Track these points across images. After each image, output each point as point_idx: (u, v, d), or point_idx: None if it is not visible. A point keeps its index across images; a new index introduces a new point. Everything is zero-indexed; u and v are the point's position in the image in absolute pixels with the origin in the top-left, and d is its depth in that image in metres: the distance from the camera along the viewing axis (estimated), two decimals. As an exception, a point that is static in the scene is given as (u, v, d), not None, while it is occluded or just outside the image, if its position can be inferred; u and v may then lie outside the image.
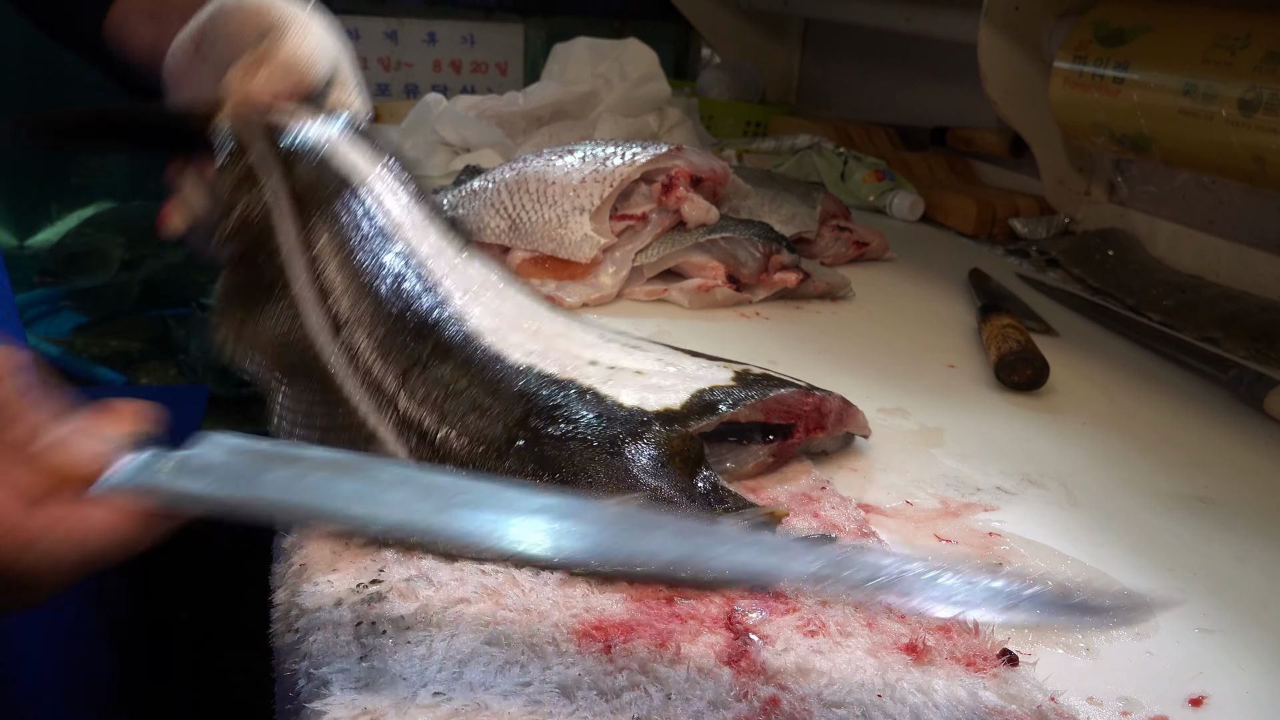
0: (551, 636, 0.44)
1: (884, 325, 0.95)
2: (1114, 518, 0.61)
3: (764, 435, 0.59)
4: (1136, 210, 1.23)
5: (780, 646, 0.44)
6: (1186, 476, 0.68)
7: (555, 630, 0.44)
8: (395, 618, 0.44)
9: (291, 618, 0.45)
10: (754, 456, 0.59)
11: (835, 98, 1.88)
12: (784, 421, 0.60)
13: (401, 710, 0.39)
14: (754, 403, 0.57)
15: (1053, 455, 0.70)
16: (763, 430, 0.59)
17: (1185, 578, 0.55)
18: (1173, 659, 0.48)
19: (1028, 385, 0.80)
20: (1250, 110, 0.92)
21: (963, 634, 0.46)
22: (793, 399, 0.60)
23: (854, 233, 1.13)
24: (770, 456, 0.60)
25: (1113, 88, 1.07)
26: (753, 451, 0.59)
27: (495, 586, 0.47)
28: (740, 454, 0.59)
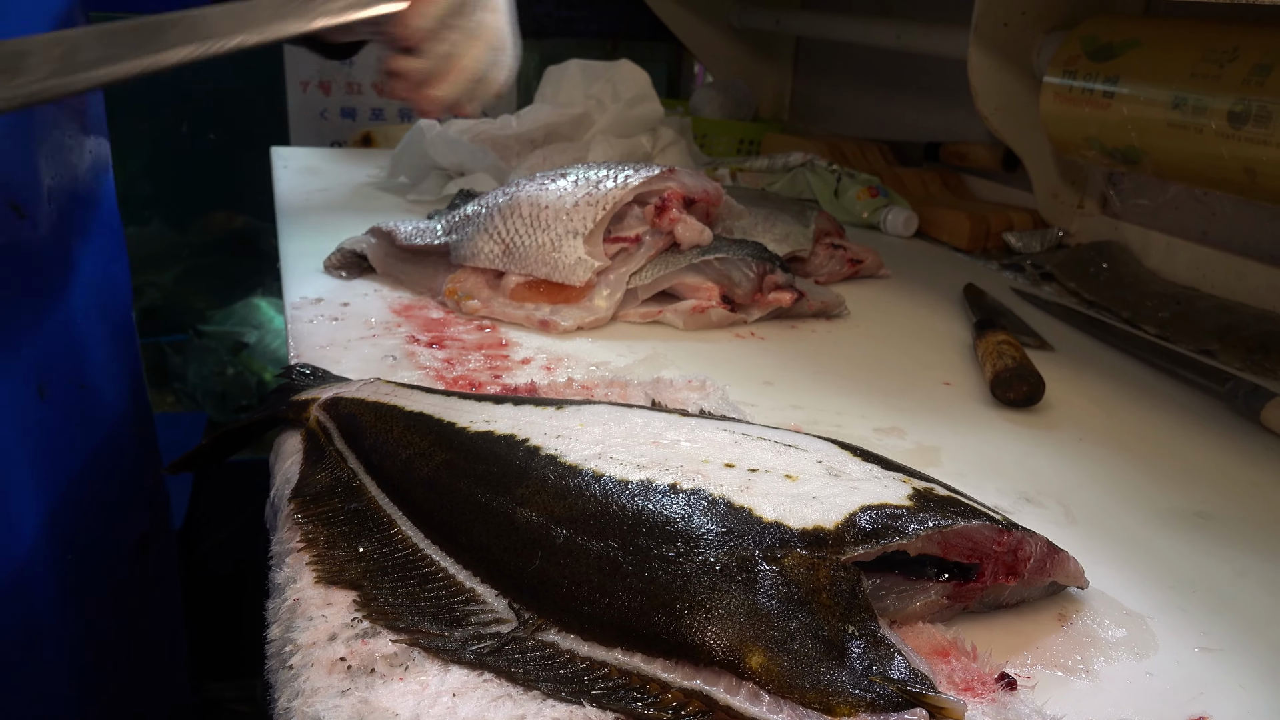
0: (546, 669, 0.43)
1: (879, 343, 0.95)
2: (1112, 535, 0.61)
3: (939, 572, 0.48)
4: (1130, 223, 1.23)
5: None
6: (1184, 492, 0.68)
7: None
8: (388, 654, 0.44)
9: (285, 654, 0.45)
10: (923, 596, 0.48)
11: (828, 115, 1.89)
12: (967, 560, 0.48)
13: (395, 748, 0.38)
14: (931, 534, 0.47)
15: (1050, 472, 0.69)
16: (938, 566, 0.48)
17: (1185, 594, 0.55)
18: (1173, 679, 0.47)
19: (1023, 402, 0.80)
20: (1240, 122, 0.92)
21: (960, 658, 0.46)
22: (982, 534, 0.48)
23: (848, 250, 1.13)
24: (945, 599, 0.48)
25: (1103, 102, 1.07)
26: (923, 589, 0.48)
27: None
28: (906, 591, 0.48)
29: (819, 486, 0.49)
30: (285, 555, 0.52)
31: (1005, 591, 0.50)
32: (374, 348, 0.83)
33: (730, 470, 0.50)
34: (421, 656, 0.43)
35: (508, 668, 0.43)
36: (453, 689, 0.42)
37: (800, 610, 0.42)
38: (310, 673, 0.43)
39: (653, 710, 0.40)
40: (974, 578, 0.48)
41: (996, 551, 0.49)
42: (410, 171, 1.41)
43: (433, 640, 0.44)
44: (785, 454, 0.53)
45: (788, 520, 0.46)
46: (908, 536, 0.46)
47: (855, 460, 0.54)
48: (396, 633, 0.45)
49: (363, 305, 0.93)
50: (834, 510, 0.47)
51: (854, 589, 0.44)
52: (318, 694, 0.41)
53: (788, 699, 0.39)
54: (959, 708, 0.39)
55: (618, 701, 0.41)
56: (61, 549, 0.85)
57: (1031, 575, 0.50)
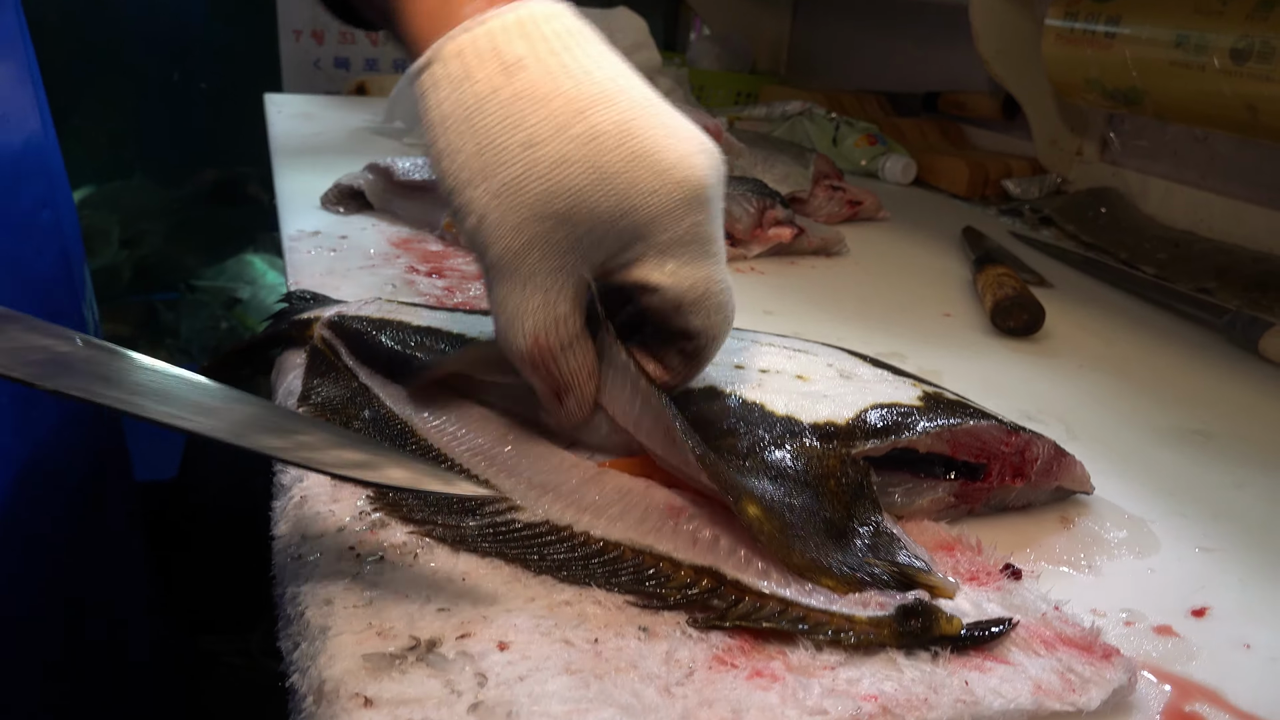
0: (555, 557, 0.43)
1: (879, 279, 0.95)
2: (1113, 450, 0.61)
3: (947, 471, 0.48)
4: (1128, 169, 1.23)
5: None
6: (1184, 413, 0.68)
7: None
8: (398, 543, 0.44)
9: (293, 546, 0.45)
10: (930, 493, 0.48)
11: (826, 67, 1.88)
12: (975, 460, 0.49)
13: (408, 623, 0.38)
14: (940, 431, 0.47)
15: (1050, 394, 0.70)
16: (946, 466, 0.48)
17: (1185, 502, 0.55)
18: (1174, 574, 0.48)
19: (1024, 330, 0.80)
20: (1242, 59, 0.92)
21: (965, 551, 0.46)
22: (990, 434, 0.49)
23: (847, 192, 1.13)
24: (952, 497, 0.49)
25: (1105, 42, 1.07)
26: (930, 487, 0.48)
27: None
28: (914, 488, 0.48)
29: (830, 386, 0.50)
30: (291, 458, 0.52)
31: (1011, 493, 0.50)
32: (373, 276, 0.82)
33: (740, 370, 0.51)
34: (432, 544, 0.44)
35: (523, 555, 0.43)
36: (464, 572, 0.42)
37: (806, 492, 0.43)
38: (320, 561, 0.43)
39: (665, 589, 0.41)
40: (981, 478, 0.49)
41: (1004, 452, 0.49)
42: (406, 117, 1.40)
43: (448, 531, 0.44)
44: (795, 357, 0.53)
45: (799, 415, 0.46)
46: (917, 433, 0.47)
47: (865, 365, 0.54)
48: (410, 524, 0.45)
49: (361, 238, 0.93)
50: (845, 407, 0.47)
51: (862, 481, 0.44)
52: (328, 578, 0.42)
53: (780, 568, 0.40)
54: (950, 587, 0.40)
55: (631, 580, 0.41)
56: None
57: (1038, 478, 0.50)
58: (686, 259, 0.43)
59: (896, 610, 0.39)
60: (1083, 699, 0.37)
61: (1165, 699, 0.39)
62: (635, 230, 0.42)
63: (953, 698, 0.36)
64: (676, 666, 0.37)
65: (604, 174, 0.41)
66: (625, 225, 0.42)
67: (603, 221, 0.41)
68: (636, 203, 0.41)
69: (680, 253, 0.42)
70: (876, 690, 0.36)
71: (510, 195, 0.41)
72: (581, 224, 0.42)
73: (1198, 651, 0.42)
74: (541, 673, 0.36)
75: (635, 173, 0.41)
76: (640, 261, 0.43)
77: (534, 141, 0.41)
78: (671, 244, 0.42)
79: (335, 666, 0.36)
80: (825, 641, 0.38)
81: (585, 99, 0.42)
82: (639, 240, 0.42)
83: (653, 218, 0.41)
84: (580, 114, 0.41)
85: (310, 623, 0.39)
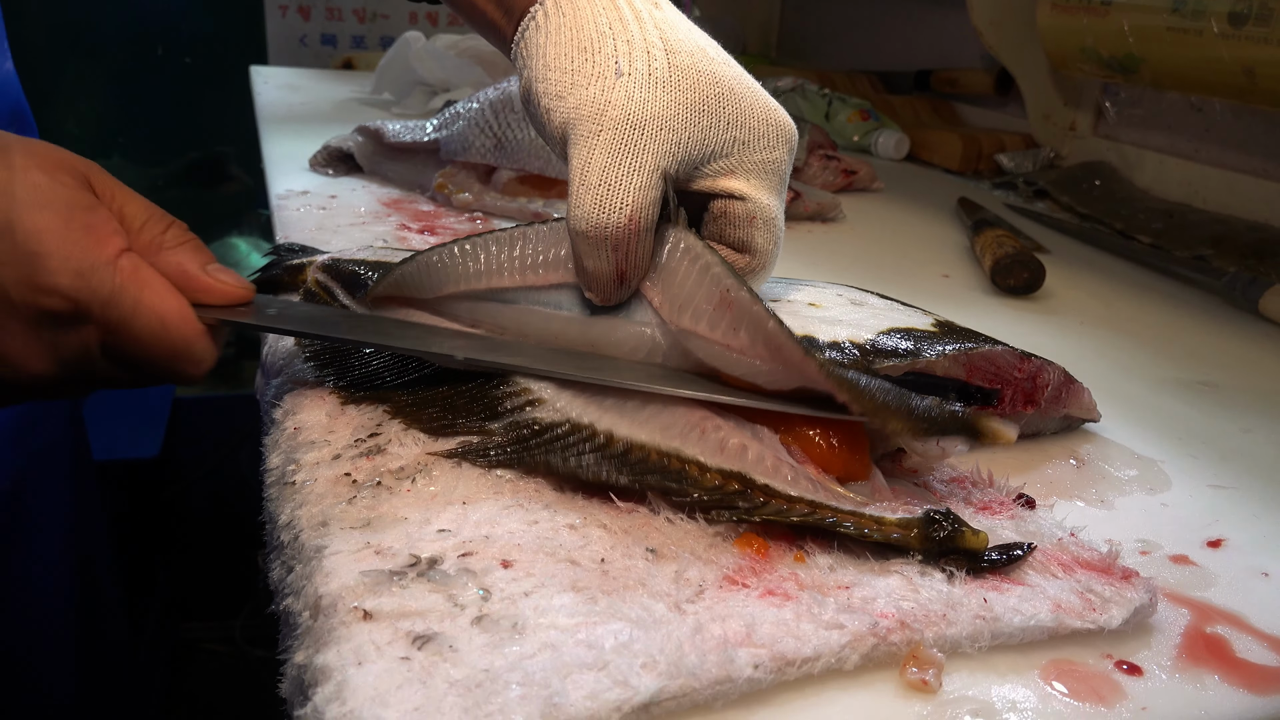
0: (557, 483, 0.42)
1: (876, 243, 0.94)
2: (1120, 398, 0.60)
3: (960, 398, 0.48)
4: (1123, 142, 1.22)
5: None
6: (1188, 366, 0.68)
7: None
8: (395, 469, 0.43)
9: (287, 473, 0.43)
10: None
11: (816, 48, 1.87)
12: (989, 385, 0.48)
13: (408, 542, 0.37)
14: (957, 353, 0.47)
15: (1053, 349, 0.68)
16: (960, 393, 0.48)
17: (1195, 446, 0.54)
18: (1188, 509, 0.47)
19: (1024, 288, 0.79)
20: (1240, 22, 0.91)
21: (977, 484, 0.45)
22: (1004, 359, 0.49)
23: (842, 162, 1.12)
24: None
25: (1100, 10, 1.06)
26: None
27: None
28: None
29: (844, 313, 0.49)
30: (283, 393, 0.51)
31: (1022, 420, 0.49)
32: (365, 233, 0.80)
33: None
34: (429, 469, 0.42)
35: (546, 457, 0.42)
36: (463, 497, 0.41)
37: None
38: (314, 486, 0.41)
39: (692, 490, 0.40)
40: (994, 404, 0.48)
41: (1017, 378, 0.49)
42: (394, 87, 1.38)
43: (472, 438, 0.43)
44: (803, 289, 0.52)
45: (815, 334, 0.45)
46: (935, 355, 0.46)
47: (875, 296, 0.54)
48: (432, 433, 0.44)
49: (351, 198, 0.91)
50: (861, 330, 0.47)
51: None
52: (323, 500, 0.40)
53: (808, 475, 0.39)
54: (1010, 430, 0.40)
55: (658, 480, 0.40)
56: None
57: (1048, 404, 0.50)
58: (768, 183, 0.48)
59: (924, 514, 0.38)
60: (1104, 617, 0.36)
61: (1186, 621, 0.38)
62: (737, 142, 0.47)
63: (971, 614, 0.35)
64: (686, 585, 0.36)
65: (731, 89, 0.47)
66: (731, 137, 0.47)
67: (717, 123, 0.47)
68: (746, 120, 0.47)
69: (764, 176, 0.48)
70: (893, 607, 0.35)
71: (653, 74, 0.46)
72: (700, 119, 0.46)
73: (1215, 579, 0.41)
74: (547, 589, 0.35)
75: (752, 99, 0.48)
76: (732, 173, 0.48)
77: (679, 50, 0.47)
78: (760, 165, 0.48)
79: (332, 583, 0.35)
80: (853, 536, 0.38)
81: (710, 42, 0.49)
82: (736, 152, 0.47)
83: (755, 137, 0.47)
84: (711, 45, 0.49)
85: (305, 544, 0.38)
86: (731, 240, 0.49)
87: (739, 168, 0.47)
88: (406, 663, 0.31)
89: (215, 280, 0.45)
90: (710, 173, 0.48)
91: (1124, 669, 0.35)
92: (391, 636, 0.32)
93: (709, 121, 0.46)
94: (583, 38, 0.46)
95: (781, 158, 0.48)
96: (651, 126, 0.45)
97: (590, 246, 0.45)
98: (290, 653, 0.34)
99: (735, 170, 0.48)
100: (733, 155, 0.47)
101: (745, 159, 0.48)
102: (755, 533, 0.39)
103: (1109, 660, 0.35)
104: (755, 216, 0.48)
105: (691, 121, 0.46)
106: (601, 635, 0.33)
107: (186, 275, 0.45)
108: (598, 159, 0.45)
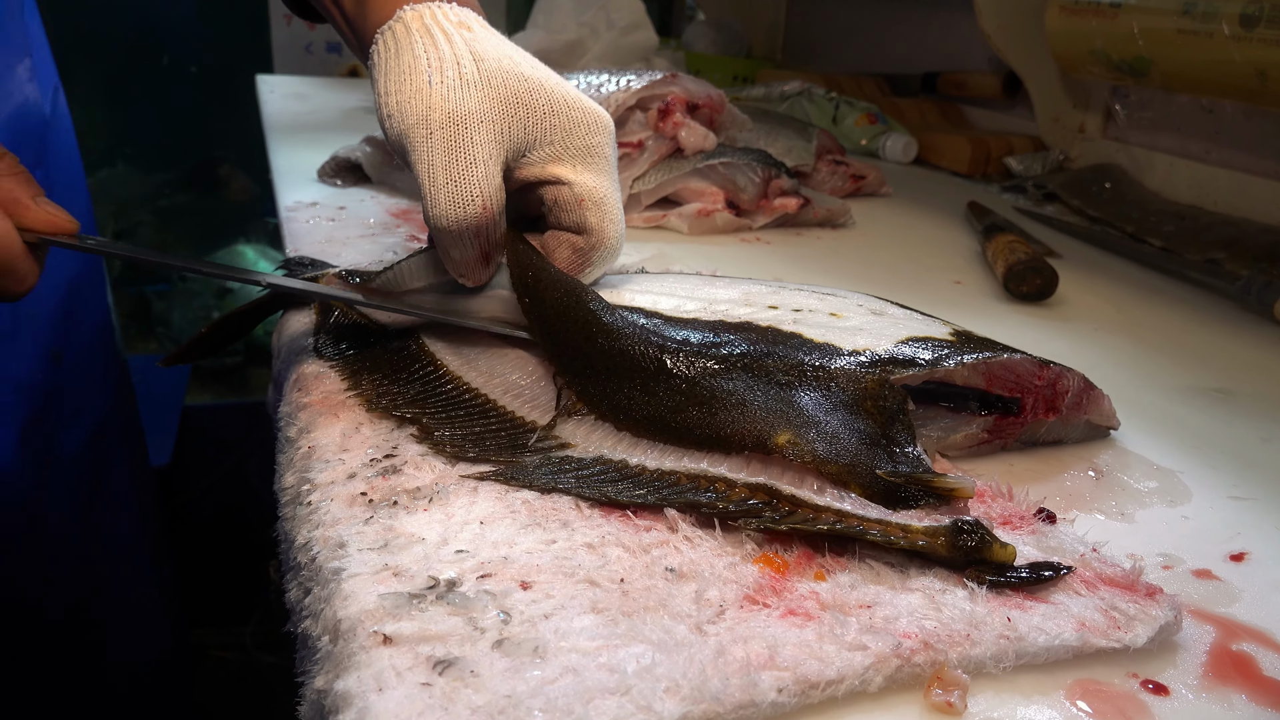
0: (574, 503, 0.42)
1: (886, 249, 0.94)
2: (1136, 407, 0.60)
3: (981, 406, 0.48)
4: (1132, 144, 1.22)
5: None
6: (1203, 373, 0.67)
7: (575, 500, 0.42)
8: (411, 489, 0.42)
9: (302, 493, 0.43)
10: (965, 427, 0.48)
11: (822, 51, 1.87)
12: (1009, 394, 0.48)
13: (426, 564, 0.37)
14: (976, 362, 0.46)
15: (1068, 356, 0.68)
16: (980, 402, 0.48)
17: (1214, 456, 0.54)
18: (1209, 521, 0.47)
19: (1037, 295, 0.79)
20: (1251, 25, 0.91)
21: (997, 498, 0.45)
22: (1024, 367, 0.48)
23: (850, 167, 1.12)
24: (985, 433, 0.49)
25: (1110, 12, 1.06)
26: (965, 421, 0.48)
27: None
28: (950, 422, 0.48)
29: (864, 322, 0.50)
30: (297, 412, 0.50)
31: (1043, 428, 0.50)
32: (375, 244, 0.80)
33: (774, 311, 0.51)
34: (445, 491, 0.42)
35: (579, 488, 0.42)
36: (480, 517, 0.40)
37: (841, 410, 0.42)
38: (330, 506, 0.41)
39: (720, 503, 0.40)
40: (1015, 413, 0.48)
41: (1037, 385, 0.49)
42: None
43: (509, 469, 0.43)
44: (826, 299, 0.53)
45: (837, 343, 0.46)
46: (955, 364, 0.46)
47: (894, 306, 0.54)
48: (468, 463, 0.44)
49: (359, 209, 0.91)
50: (881, 339, 0.47)
51: (899, 406, 0.43)
52: (340, 522, 0.40)
53: (835, 486, 0.39)
54: (967, 485, 0.40)
55: (687, 498, 0.40)
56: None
57: (1069, 411, 0.50)
58: (591, 167, 0.53)
59: (952, 523, 0.37)
60: (1129, 636, 0.36)
61: (1211, 639, 0.38)
62: (556, 129, 0.52)
63: (995, 633, 0.35)
64: (707, 605, 0.36)
65: (540, 84, 0.53)
66: (549, 124, 0.52)
67: (532, 113, 0.52)
68: (560, 108, 0.52)
69: (587, 161, 0.53)
70: (916, 627, 0.35)
71: (464, 78, 0.51)
72: (516, 110, 0.51)
73: (1240, 594, 0.41)
74: (567, 611, 0.35)
75: (563, 92, 0.53)
76: (558, 160, 0.53)
77: (486, 57, 0.52)
78: (580, 150, 0.53)
79: (351, 606, 0.35)
80: (880, 544, 0.38)
81: (519, 50, 0.55)
82: (559, 139, 0.52)
83: (572, 125, 0.53)
84: (519, 53, 0.54)
85: (322, 566, 0.38)
86: (567, 224, 0.54)
87: (563, 154, 0.53)
88: (428, 689, 0.31)
89: (42, 210, 0.50)
90: (537, 159, 0.53)
91: (1150, 688, 0.35)
92: (412, 661, 0.32)
93: (524, 112, 0.51)
94: (404, 63, 0.51)
95: (603, 142, 0.54)
96: (473, 120, 0.50)
97: (453, 239, 0.51)
98: (309, 677, 0.34)
99: (560, 157, 0.53)
100: (555, 142, 0.52)
101: (568, 145, 0.53)
102: (775, 550, 0.39)
103: (1135, 680, 0.35)
104: (584, 199, 0.53)
105: (508, 113, 0.51)
106: (623, 659, 0.32)
107: (16, 202, 0.49)
108: (437, 159, 0.50)
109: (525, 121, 0.51)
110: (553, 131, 0.52)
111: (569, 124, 0.53)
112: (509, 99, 0.51)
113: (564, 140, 0.53)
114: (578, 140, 0.53)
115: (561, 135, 0.52)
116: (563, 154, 0.53)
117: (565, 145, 0.53)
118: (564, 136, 0.53)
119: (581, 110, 0.53)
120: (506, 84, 0.51)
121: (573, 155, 0.53)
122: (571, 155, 0.53)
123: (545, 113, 0.52)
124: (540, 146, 0.52)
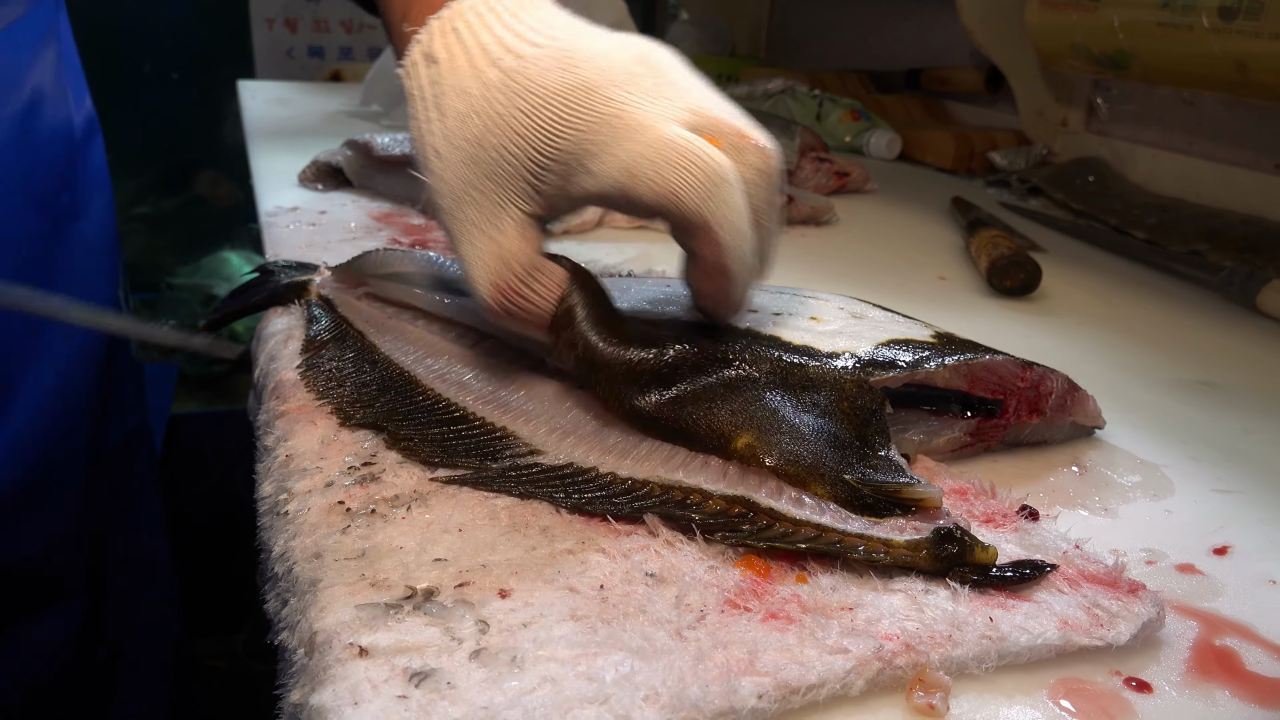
0: (554, 508, 0.42)
1: (870, 246, 0.94)
2: (1120, 399, 0.60)
3: (963, 410, 0.48)
4: (1115, 137, 1.22)
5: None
6: (1187, 365, 0.67)
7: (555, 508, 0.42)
8: (390, 497, 0.42)
9: (279, 502, 0.43)
10: (948, 430, 0.48)
11: (805, 48, 1.87)
12: (991, 396, 0.48)
13: (403, 573, 0.36)
14: (958, 364, 0.46)
15: (1052, 349, 0.68)
16: (963, 404, 0.48)
17: (1197, 449, 0.54)
18: (1192, 515, 0.47)
19: (1021, 289, 0.79)
20: (1230, 16, 0.91)
21: (979, 496, 0.45)
22: (1006, 369, 0.48)
23: (834, 164, 1.12)
24: (968, 436, 0.48)
25: (1090, 6, 1.06)
26: (947, 424, 0.48)
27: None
28: (931, 425, 0.47)
29: (845, 326, 0.49)
30: (275, 420, 0.50)
31: (1027, 430, 0.49)
32: (356, 248, 0.79)
33: (754, 314, 0.50)
34: (424, 498, 0.42)
35: (550, 494, 0.41)
36: (460, 524, 0.40)
37: (814, 410, 0.42)
38: (307, 515, 0.41)
39: (695, 514, 0.39)
40: (998, 415, 0.48)
41: (1020, 387, 0.48)
42: (383, 99, 1.37)
43: (475, 474, 0.42)
44: (806, 303, 0.53)
45: (816, 345, 0.45)
46: (935, 365, 0.46)
47: (875, 309, 0.54)
48: (432, 468, 0.43)
49: (341, 214, 0.90)
50: (862, 341, 0.47)
51: (877, 409, 0.43)
52: (317, 530, 0.39)
53: (813, 497, 0.39)
54: (935, 494, 0.39)
55: (663, 510, 0.40)
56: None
57: (1053, 413, 0.49)
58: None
59: (932, 534, 0.37)
60: (1111, 634, 0.35)
61: (1194, 634, 0.38)
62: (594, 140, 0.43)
63: (977, 634, 0.35)
64: (687, 610, 0.35)
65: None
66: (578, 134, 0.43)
67: (533, 148, 0.43)
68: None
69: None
70: (898, 629, 0.35)
71: (450, 140, 0.45)
72: (508, 151, 0.43)
73: (1223, 588, 0.41)
74: (546, 619, 0.34)
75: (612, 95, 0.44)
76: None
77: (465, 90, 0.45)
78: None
79: (327, 618, 0.34)
80: (861, 562, 0.37)
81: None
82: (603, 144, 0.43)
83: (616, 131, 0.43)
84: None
85: (299, 577, 0.37)
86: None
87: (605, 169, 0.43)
88: (404, 701, 0.30)
89: None
90: (578, 188, 0.44)
91: (1133, 686, 0.34)
92: (388, 674, 0.32)
93: (523, 145, 0.43)
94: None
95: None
96: (474, 182, 0.44)
97: (498, 319, 0.46)
98: (286, 690, 0.34)
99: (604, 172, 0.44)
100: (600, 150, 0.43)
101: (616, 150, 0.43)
102: (758, 554, 0.39)
103: (1118, 677, 0.35)
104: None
105: (503, 151, 0.43)
106: (602, 667, 0.32)
107: None
108: (454, 238, 0.45)
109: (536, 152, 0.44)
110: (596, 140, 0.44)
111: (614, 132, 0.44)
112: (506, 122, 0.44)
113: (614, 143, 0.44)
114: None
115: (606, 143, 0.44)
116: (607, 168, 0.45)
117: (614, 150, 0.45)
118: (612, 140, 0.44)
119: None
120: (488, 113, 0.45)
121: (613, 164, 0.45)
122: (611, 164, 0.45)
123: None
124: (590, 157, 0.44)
